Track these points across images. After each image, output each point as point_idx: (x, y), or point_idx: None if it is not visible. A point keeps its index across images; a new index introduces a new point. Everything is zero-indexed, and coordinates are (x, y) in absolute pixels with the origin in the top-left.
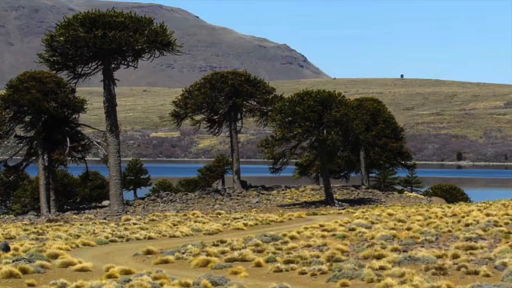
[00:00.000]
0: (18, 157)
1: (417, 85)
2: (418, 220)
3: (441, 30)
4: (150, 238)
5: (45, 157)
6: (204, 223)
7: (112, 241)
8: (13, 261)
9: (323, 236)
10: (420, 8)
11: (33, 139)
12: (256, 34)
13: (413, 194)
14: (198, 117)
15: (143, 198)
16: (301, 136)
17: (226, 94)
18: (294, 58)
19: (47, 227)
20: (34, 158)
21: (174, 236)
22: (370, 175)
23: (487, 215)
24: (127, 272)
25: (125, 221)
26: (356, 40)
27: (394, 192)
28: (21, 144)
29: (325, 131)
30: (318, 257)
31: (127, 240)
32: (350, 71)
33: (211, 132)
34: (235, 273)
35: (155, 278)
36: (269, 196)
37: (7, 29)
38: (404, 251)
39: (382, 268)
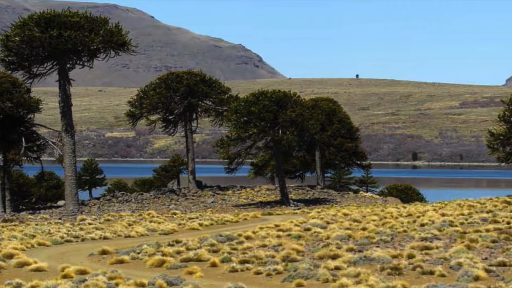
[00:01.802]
0: None
1: (373, 85)
2: (374, 220)
3: (396, 30)
4: (105, 238)
5: (0, 157)
6: (159, 223)
7: (67, 241)
8: None
9: (278, 236)
10: (375, 8)
11: None
12: (212, 34)
13: (369, 194)
14: (153, 117)
15: (98, 198)
16: (256, 136)
17: (181, 94)
18: (250, 58)
19: (2, 227)
20: None
21: (129, 236)
22: (326, 175)
23: (443, 215)
24: (83, 272)
25: (81, 221)
26: (311, 40)
27: (349, 192)
28: None
29: (280, 131)
30: (273, 257)
31: (83, 240)
32: (305, 71)
33: (166, 132)
34: (191, 273)
35: (111, 278)
36: (225, 196)
37: None
38: (360, 251)
39: (337, 268)
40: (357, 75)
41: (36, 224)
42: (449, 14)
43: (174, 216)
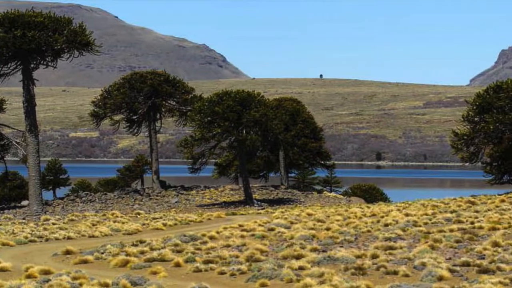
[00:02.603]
0: None
1: (336, 85)
2: (337, 220)
3: (360, 30)
4: (69, 238)
5: None
6: (123, 223)
7: (31, 241)
8: None
9: (242, 236)
10: (339, 8)
11: None
12: (175, 34)
13: (332, 194)
14: (117, 117)
15: (62, 198)
16: (220, 136)
17: (145, 94)
18: (213, 58)
19: None
20: None
21: (93, 236)
22: (289, 175)
23: (406, 215)
24: (47, 272)
25: (44, 221)
26: (275, 40)
27: (313, 192)
28: None
29: (244, 131)
30: (237, 257)
31: (46, 240)
32: (269, 71)
33: (130, 132)
34: (154, 273)
35: (74, 278)
36: (188, 196)
37: None
38: (323, 251)
39: (301, 268)
40: (321, 75)
41: (0, 224)
42: (414, 13)
43: (138, 216)
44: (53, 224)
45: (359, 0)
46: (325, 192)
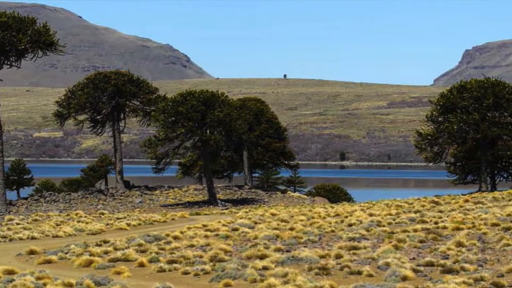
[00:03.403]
0: None
1: (300, 85)
2: (301, 220)
3: (323, 30)
4: (33, 238)
5: None
6: (87, 223)
7: None
8: None
9: (206, 236)
10: (302, 8)
11: None
12: (139, 34)
13: (296, 194)
14: (81, 117)
15: (26, 198)
16: (184, 136)
17: (109, 94)
18: (177, 58)
19: None
20: None
21: (57, 236)
22: (253, 175)
23: (370, 215)
24: (10, 272)
25: (8, 221)
26: (239, 40)
27: (277, 192)
28: None
29: (208, 131)
30: (201, 257)
31: (10, 240)
32: (233, 71)
33: (94, 132)
34: (118, 273)
35: (38, 278)
36: (152, 196)
37: None
38: (287, 251)
39: (265, 268)
40: (284, 75)
41: None
42: (377, 14)
43: (102, 216)
44: (17, 224)
45: (323, 0)
46: (289, 192)
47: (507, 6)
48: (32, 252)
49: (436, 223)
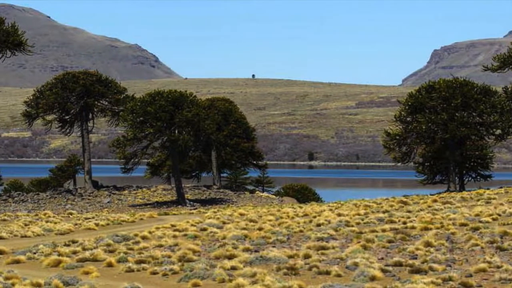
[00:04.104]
0: None
1: (269, 85)
2: (270, 220)
3: (292, 30)
4: (1, 238)
5: None
6: (55, 223)
7: None
8: None
9: (174, 236)
10: (270, 8)
11: None
12: (108, 34)
13: (265, 194)
14: (49, 117)
15: None
16: (152, 136)
17: (77, 94)
18: (146, 58)
19: None
20: None
21: (25, 236)
22: (222, 175)
23: (339, 215)
24: None
25: None
26: (207, 40)
27: (245, 192)
28: None
29: (176, 131)
30: (169, 257)
31: None
32: (201, 71)
33: (62, 132)
34: (87, 273)
35: (7, 278)
36: (121, 196)
37: None
38: (256, 251)
39: (233, 268)
40: (253, 75)
41: None
42: (347, 13)
43: (71, 216)
44: None
45: (291, 0)
46: (257, 192)
47: (475, 6)
48: (0, 252)
49: (404, 223)
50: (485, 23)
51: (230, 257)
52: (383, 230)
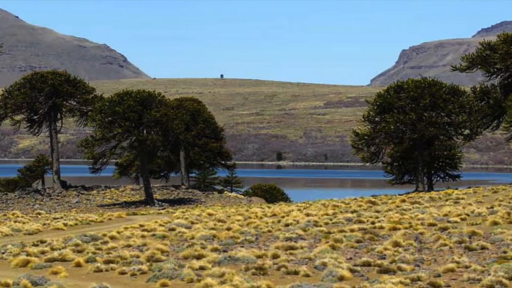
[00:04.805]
0: None
1: (237, 85)
2: (238, 220)
3: (260, 30)
4: None
5: None
6: (24, 223)
7: None
8: None
9: (143, 236)
10: (238, 8)
11: None
12: (76, 34)
13: (233, 194)
14: (18, 117)
15: None
16: (121, 136)
17: (46, 94)
18: (114, 58)
19: None
20: None
21: None
22: (190, 175)
23: (307, 215)
24: None
25: None
26: (175, 40)
27: (214, 192)
28: None
29: (145, 131)
30: (138, 257)
31: None
32: (170, 71)
33: (31, 132)
34: (55, 273)
35: None
36: (89, 196)
37: None
38: (224, 251)
39: (202, 268)
40: (221, 75)
41: None
42: (314, 13)
43: (39, 216)
44: None
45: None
46: (225, 192)
47: (444, 7)
48: None
49: (373, 223)
50: (454, 23)
51: (199, 257)
52: (352, 230)
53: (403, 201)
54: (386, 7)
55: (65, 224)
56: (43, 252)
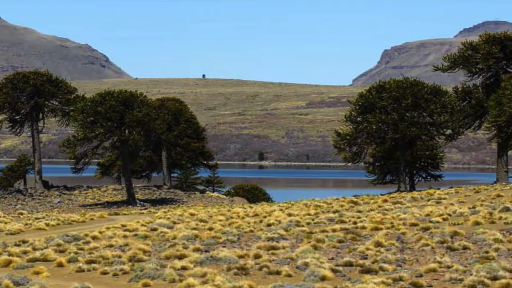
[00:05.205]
0: None
1: (219, 85)
2: (220, 220)
3: (242, 30)
4: None
5: None
6: (6, 223)
7: None
8: None
9: (125, 236)
10: (220, 8)
11: None
12: (58, 34)
13: (215, 194)
14: (0, 117)
15: None
16: (103, 136)
17: (28, 94)
18: (96, 58)
19: None
20: None
21: None
22: (172, 175)
23: (289, 215)
24: None
25: None
26: (157, 40)
27: (196, 192)
28: None
29: (127, 131)
30: (120, 257)
31: None
32: (152, 71)
33: (13, 132)
34: (37, 273)
35: None
36: (71, 196)
37: None
38: (206, 251)
39: (184, 268)
40: (203, 75)
41: None
42: (296, 13)
43: (21, 216)
44: None
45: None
46: (207, 192)
47: (426, 7)
48: None
49: (355, 223)
50: (436, 23)
51: (181, 257)
52: (334, 230)
53: (385, 201)
54: (368, 7)
55: (47, 224)
56: (25, 252)
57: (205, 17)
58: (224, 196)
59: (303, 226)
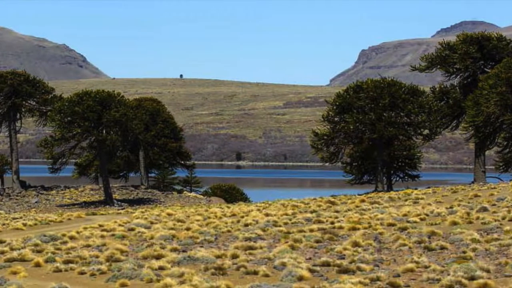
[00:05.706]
0: None
1: (197, 85)
2: (198, 220)
3: (219, 30)
4: None
5: None
6: None
7: None
8: None
9: (102, 236)
10: (197, 8)
11: None
12: (35, 34)
13: (193, 194)
14: None
15: None
16: (80, 136)
17: (5, 94)
18: (74, 58)
19: None
20: None
21: None
22: (150, 175)
23: (267, 215)
24: None
25: None
26: (135, 40)
27: (173, 192)
28: None
29: (104, 131)
30: (97, 257)
31: None
32: (129, 71)
33: None
34: (14, 273)
35: None
36: (49, 196)
37: None
38: (184, 251)
39: (161, 268)
40: (181, 75)
41: None
42: (273, 13)
43: None
44: None
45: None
46: (185, 192)
47: (403, 7)
48: None
49: (332, 223)
50: (413, 23)
51: (158, 257)
52: (311, 230)
53: (363, 201)
54: (346, 7)
55: (25, 224)
56: (2, 252)
57: (183, 17)
58: (202, 196)
59: (280, 226)
